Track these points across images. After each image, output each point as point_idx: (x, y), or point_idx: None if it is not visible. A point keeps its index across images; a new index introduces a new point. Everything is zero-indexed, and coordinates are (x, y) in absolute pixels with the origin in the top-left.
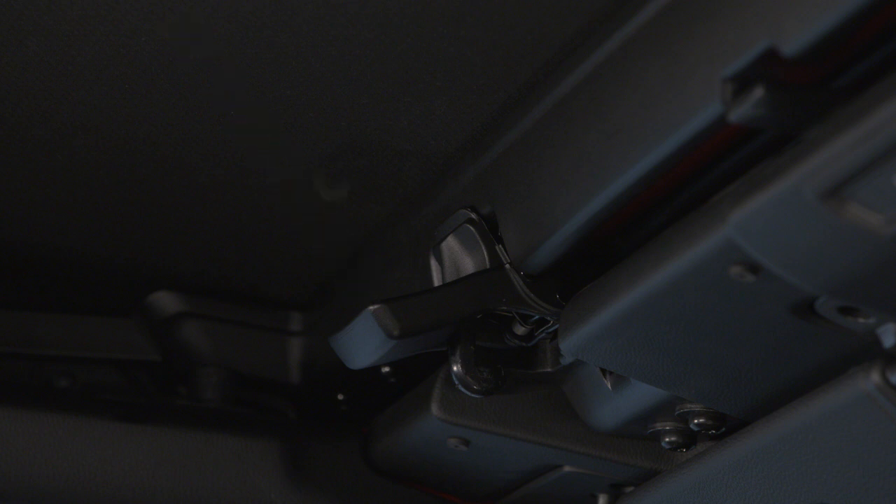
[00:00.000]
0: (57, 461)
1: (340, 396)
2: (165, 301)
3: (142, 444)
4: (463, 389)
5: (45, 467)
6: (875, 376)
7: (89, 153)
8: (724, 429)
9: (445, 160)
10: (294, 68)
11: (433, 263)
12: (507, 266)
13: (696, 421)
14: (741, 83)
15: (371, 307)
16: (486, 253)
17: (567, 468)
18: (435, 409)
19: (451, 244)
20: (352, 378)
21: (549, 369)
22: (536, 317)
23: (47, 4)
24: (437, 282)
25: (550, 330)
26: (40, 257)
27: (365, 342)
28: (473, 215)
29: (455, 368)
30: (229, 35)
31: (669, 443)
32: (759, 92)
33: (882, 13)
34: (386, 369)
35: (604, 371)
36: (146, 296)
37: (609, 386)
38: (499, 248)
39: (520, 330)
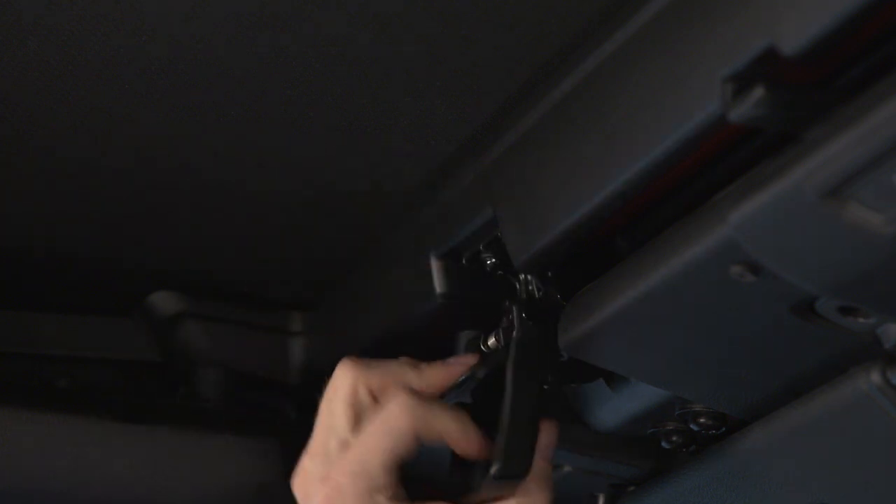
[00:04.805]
0: (57, 461)
1: None
2: (165, 301)
3: (142, 444)
4: None
5: (45, 467)
6: (875, 376)
7: (89, 153)
8: (724, 429)
9: (445, 160)
10: (294, 68)
11: (433, 263)
12: None
13: (696, 421)
14: (741, 83)
15: None
16: None
17: (567, 468)
18: None
19: None
20: None
21: None
22: None
23: (47, 4)
24: (437, 282)
25: None
26: (40, 257)
27: None
28: None
29: None
30: (229, 35)
31: (669, 443)
32: (759, 92)
33: (882, 13)
34: None
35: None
36: (146, 296)
37: (609, 386)
38: None
39: None
